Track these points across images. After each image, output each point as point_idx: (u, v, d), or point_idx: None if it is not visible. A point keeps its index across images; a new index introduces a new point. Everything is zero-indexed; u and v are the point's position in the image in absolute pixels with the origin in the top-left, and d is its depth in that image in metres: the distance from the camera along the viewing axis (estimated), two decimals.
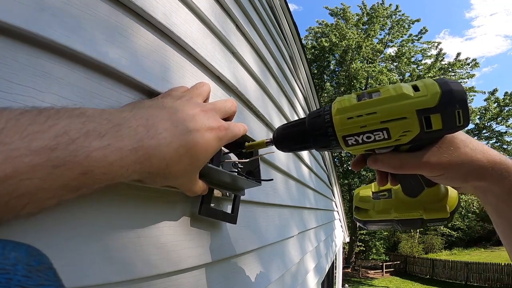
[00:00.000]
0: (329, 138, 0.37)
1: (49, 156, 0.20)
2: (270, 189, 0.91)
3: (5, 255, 0.16)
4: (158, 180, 0.31)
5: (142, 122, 0.27)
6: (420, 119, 0.33)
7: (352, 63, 13.25)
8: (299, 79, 1.98)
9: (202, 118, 0.34)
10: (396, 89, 0.34)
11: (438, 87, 0.32)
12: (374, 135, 0.34)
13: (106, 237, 0.31)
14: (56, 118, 0.21)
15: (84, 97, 0.31)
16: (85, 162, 0.21)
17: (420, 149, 0.36)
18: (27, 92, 0.25)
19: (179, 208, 0.44)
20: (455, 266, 13.11)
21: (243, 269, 0.64)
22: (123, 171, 0.25)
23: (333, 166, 4.07)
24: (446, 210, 0.44)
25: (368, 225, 0.52)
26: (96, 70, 0.33)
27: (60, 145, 0.20)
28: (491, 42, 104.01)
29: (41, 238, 0.25)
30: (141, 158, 0.26)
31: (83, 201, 0.30)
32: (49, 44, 0.28)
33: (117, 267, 0.32)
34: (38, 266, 0.17)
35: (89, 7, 0.32)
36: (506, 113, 12.55)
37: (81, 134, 0.22)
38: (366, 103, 0.34)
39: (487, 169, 0.35)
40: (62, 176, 0.20)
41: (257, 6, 1.04)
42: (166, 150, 0.29)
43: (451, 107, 0.32)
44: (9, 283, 0.14)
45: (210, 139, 0.34)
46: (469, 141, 0.36)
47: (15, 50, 0.25)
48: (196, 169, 0.35)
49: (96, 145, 0.22)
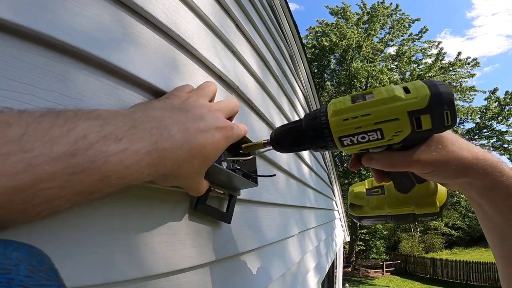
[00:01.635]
0: (326, 139, 0.38)
1: (69, 163, 0.19)
2: (272, 188, 0.91)
3: (6, 255, 0.16)
4: (170, 180, 0.32)
5: (155, 124, 0.27)
6: (411, 120, 0.34)
7: (352, 62, 13.24)
8: (299, 78, 1.98)
9: (211, 118, 0.34)
10: (388, 91, 0.35)
11: (428, 89, 0.34)
12: (368, 136, 0.36)
13: (107, 237, 0.31)
14: (75, 121, 0.20)
15: (87, 95, 0.30)
16: (103, 167, 0.21)
17: (411, 148, 0.38)
18: (26, 89, 0.25)
19: (179, 208, 0.44)
20: (455, 266, 13.12)
21: (244, 269, 0.64)
22: (138, 174, 0.25)
23: (333, 165, 4.07)
24: (436, 205, 0.46)
25: (363, 220, 0.54)
26: (98, 68, 0.32)
27: (80, 150, 0.20)
28: (492, 41, 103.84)
29: (41, 239, 0.25)
30: (155, 160, 0.26)
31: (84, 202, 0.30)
32: (50, 41, 0.28)
33: (118, 267, 0.32)
34: (40, 266, 0.17)
35: (90, 6, 0.32)
36: (507, 112, 12.53)
37: (100, 137, 0.21)
38: (361, 105, 0.36)
39: (472, 166, 0.36)
40: (80, 183, 0.20)
41: (257, 5, 1.04)
42: (180, 152, 0.29)
43: (440, 108, 0.33)
44: (11, 283, 0.14)
45: (219, 138, 0.34)
46: (455, 140, 0.37)
47: (14, 46, 0.25)
48: (204, 169, 0.35)
49: (114, 149, 0.22)
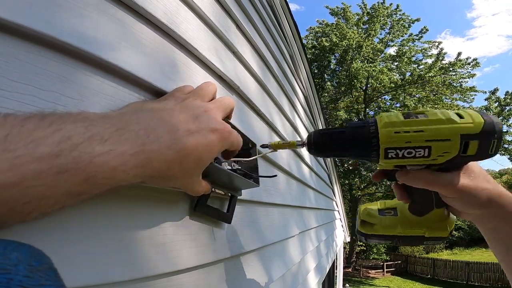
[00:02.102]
0: (372, 149, 0.39)
1: (53, 163, 0.20)
2: (272, 189, 0.91)
3: (6, 255, 0.16)
4: (160, 182, 0.32)
5: (143, 126, 0.27)
6: (461, 143, 0.36)
7: (352, 62, 13.22)
8: (300, 78, 1.98)
9: (205, 119, 0.34)
10: (444, 113, 0.37)
11: (481, 117, 0.36)
12: (415, 151, 0.37)
13: (107, 237, 0.31)
14: (60, 123, 0.21)
15: (87, 96, 0.30)
16: (87, 168, 0.21)
17: (447, 171, 0.40)
18: (27, 90, 0.25)
19: (180, 208, 0.44)
20: (456, 266, 13.10)
21: (244, 269, 0.64)
22: (124, 175, 0.25)
23: (334, 166, 4.07)
24: (447, 229, 0.48)
25: (371, 239, 0.55)
26: (99, 69, 0.32)
27: (64, 151, 0.20)
28: (492, 42, 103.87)
29: (41, 239, 0.25)
30: (142, 162, 0.26)
31: (84, 202, 0.30)
32: (51, 42, 0.28)
33: (118, 267, 0.32)
34: (39, 266, 0.17)
35: (91, 7, 0.32)
36: (507, 112, 12.51)
37: (85, 139, 0.22)
38: (415, 121, 0.37)
39: (493, 198, 0.40)
40: (66, 183, 0.20)
41: (257, 5, 1.04)
42: (168, 153, 0.29)
43: (490, 137, 0.36)
44: (10, 283, 0.14)
45: (213, 140, 0.34)
46: (483, 172, 0.41)
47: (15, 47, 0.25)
48: (199, 170, 0.35)
49: (99, 150, 0.22)
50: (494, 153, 0.37)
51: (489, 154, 0.36)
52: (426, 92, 13.38)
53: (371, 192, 14.90)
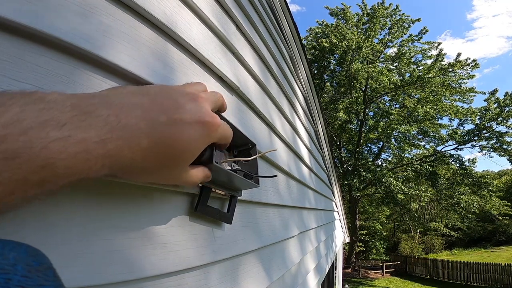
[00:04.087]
0: None
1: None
2: (272, 189, 0.91)
3: (4, 255, 0.15)
4: (136, 175, 0.29)
5: (114, 111, 0.24)
6: None
7: (352, 63, 13.23)
8: (299, 79, 1.98)
9: (193, 108, 0.30)
10: None
11: None
12: None
13: (107, 237, 0.31)
14: (9, 105, 0.19)
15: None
16: (42, 154, 0.20)
17: None
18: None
19: (180, 208, 0.44)
20: (455, 267, 13.11)
21: (244, 269, 0.64)
22: (90, 164, 0.23)
23: (333, 167, 4.07)
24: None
25: None
26: (100, 68, 0.32)
27: (12, 135, 0.19)
28: (493, 43, 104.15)
29: (40, 239, 0.25)
30: (111, 151, 0.24)
31: (82, 201, 0.29)
32: (53, 42, 0.27)
33: (118, 268, 0.32)
34: (38, 266, 0.16)
35: (93, 7, 0.32)
36: (506, 113, 12.52)
37: (37, 123, 0.20)
38: None
39: None
40: (20, 169, 0.19)
41: (257, 6, 1.04)
42: (143, 142, 0.26)
43: None
44: (9, 283, 0.14)
45: (200, 132, 0.31)
46: None
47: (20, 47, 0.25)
48: (184, 163, 0.32)
49: (54, 135, 0.20)
50: None
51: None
52: (426, 93, 13.40)
53: (370, 192, 14.91)
